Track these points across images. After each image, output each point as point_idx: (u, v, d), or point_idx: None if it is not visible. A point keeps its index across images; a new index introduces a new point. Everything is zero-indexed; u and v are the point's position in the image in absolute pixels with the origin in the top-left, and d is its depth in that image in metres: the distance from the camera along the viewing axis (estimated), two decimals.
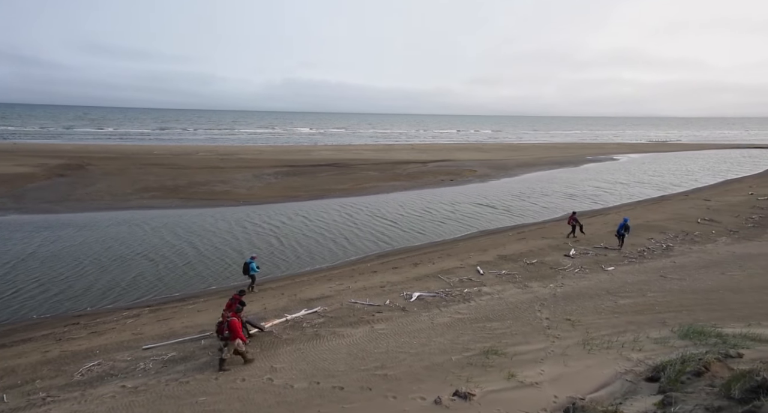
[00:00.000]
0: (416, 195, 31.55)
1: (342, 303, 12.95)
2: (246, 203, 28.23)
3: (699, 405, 4.93)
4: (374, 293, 13.69)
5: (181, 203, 27.70)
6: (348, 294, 13.73)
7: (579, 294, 12.58)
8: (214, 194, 30.20)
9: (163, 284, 15.40)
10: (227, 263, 17.41)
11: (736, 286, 12.20)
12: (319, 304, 12.91)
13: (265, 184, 34.24)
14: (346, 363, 8.95)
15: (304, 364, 9.07)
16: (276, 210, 26.40)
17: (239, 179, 35.84)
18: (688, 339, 8.10)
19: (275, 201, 28.77)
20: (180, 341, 10.75)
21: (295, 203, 28.53)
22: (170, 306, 13.52)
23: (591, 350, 8.21)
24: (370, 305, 12.68)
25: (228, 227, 22.34)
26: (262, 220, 23.97)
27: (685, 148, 77.95)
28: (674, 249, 17.58)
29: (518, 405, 6.54)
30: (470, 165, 46.71)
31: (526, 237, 20.42)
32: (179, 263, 17.27)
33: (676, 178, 41.67)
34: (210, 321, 11.99)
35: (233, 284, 15.47)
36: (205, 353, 9.96)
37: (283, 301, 13.43)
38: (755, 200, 27.91)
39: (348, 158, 50.52)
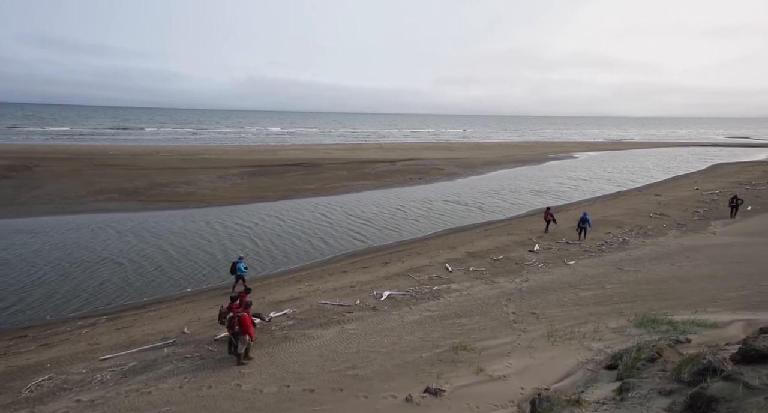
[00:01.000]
0: (385, 194, 31.63)
1: (312, 304, 12.81)
2: (211, 204, 27.35)
3: (653, 390, 5.21)
4: (344, 294, 13.62)
5: (141, 205, 26.48)
6: (318, 295, 13.59)
7: (543, 288, 13.03)
8: (177, 196, 29.06)
9: (122, 292, 14.63)
10: (189, 267, 16.79)
11: (684, 276, 13.01)
12: (289, 306, 12.70)
13: (230, 185, 33.31)
14: (317, 365, 8.86)
15: (273, 368, 8.90)
16: (242, 211, 25.73)
17: (203, 180, 34.68)
18: (643, 327, 8.56)
19: (241, 202, 28.05)
20: (141, 349, 10.28)
21: (262, 203, 27.91)
22: (129, 314, 12.89)
23: (555, 341, 8.52)
24: (341, 305, 12.61)
25: (192, 230, 21.56)
26: (228, 222, 23.30)
27: (639, 146, 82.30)
28: (630, 242, 18.53)
29: (487, 398, 6.70)
30: (438, 164, 47.34)
31: (492, 234, 20.93)
32: (140, 269, 16.49)
33: (631, 174, 43.94)
34: (172, 328, 11.56)
35: (197, 288, 14.96)
36: (168, 361, 9.57)
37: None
38: (700, 195, 29.88)
39: (316, 157, 50.00)
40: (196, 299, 13.93)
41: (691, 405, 4.19)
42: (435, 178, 38.91)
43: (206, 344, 10.40)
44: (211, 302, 13.41)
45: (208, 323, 11.67)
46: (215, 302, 13.18)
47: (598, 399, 5.57)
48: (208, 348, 10.16)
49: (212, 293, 14.42)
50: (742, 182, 34.61)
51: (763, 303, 9.61)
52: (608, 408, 5.14)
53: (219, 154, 51.06)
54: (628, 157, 62.07)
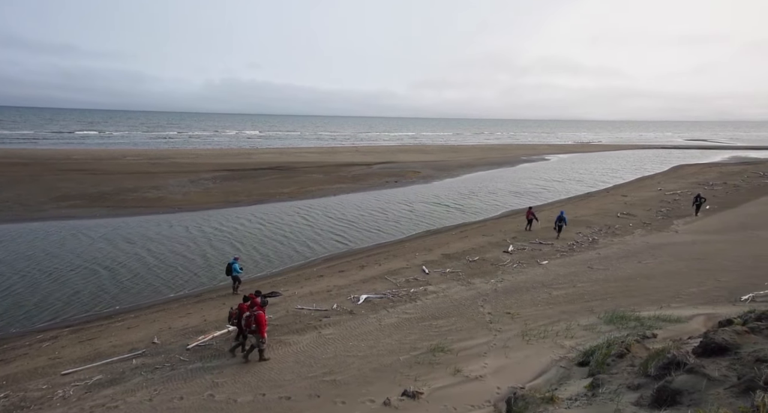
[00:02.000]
0: (362, 197, 31.58)
1: (288, 310, 12.60)
2: (182, 209, 26.57)
3: (622, 384, 5.37)
4: (321, 298, 13.48)
5: (107, 211, 25.45)
6: (294, 301, 13.39)
7: (517, 288, 13.27)
8: (146, 201, 28.09)
9: (89, 302, 13.98)
10: (158, 275, 16.21)
11: (649, 273, 13.54)
12: None
13: (202, 189, 32.47)
14: (293, 372, 8.71)
15: (248, 376, 8.69)
16: (215, 216, 25.12)
17: (174, 184, 33.67)
18: (612, 324, 8.83)
19: (214, 207, 27.39)
20: (107, 362, 9.84)
21: (236, 208, 27.35)
22: (94, 325, 12.32)
23: (529, 340, 8.68)
24: (317, 310, 12.47)
25: (162, 236, 20.87)
26: (200, 227, 22.70)
27: (607, 148, 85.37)
28: (599, 242, 19.15)
29: (464, 399, 6.74)
30: (414, 166, 47.67)
31: (468, 235, 21.21)
32: (106, 278, 15.80)
33: (601, 175, 45.54)
34: (141, 338, 11.14)
35: (167, 297, 14.47)
36: (137, 373, 9.20)
37: (225, 311, 12.70)
38: (663, 195, 31.24)
39: (291, 161, 49.43)
40: (167, 307, 13.47)
41: (657, 398, 4.33)
42: (411, 180, 39.16)
43: (177, 354, 10.06)
44: (182, 311, 13.00)
45: (179, 332, 11.31)
46: (187, 311, 12.80)
47: (570, 395, 5.69)
48: (179, 358, 9.82)
49: (184, 302, 13.98)
50: (700, 183, 36.41)
51: (722, 298, 10.10)
52: (580, 404, 5.26)
53: (191, 157, 49.73)
54: (597, 159, 64.28)
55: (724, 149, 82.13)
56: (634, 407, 4.59)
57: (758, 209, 25.25)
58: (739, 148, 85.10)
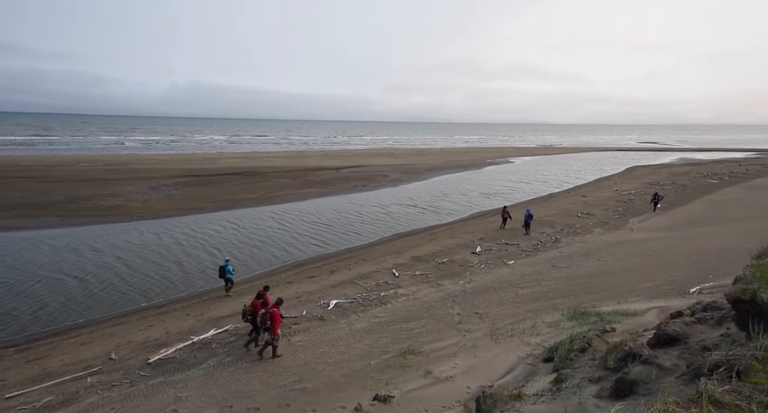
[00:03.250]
0: (331, 201, 31.34)
1: None
2: (142, 217, 25.41)
3: (584, 378, 5.57)
4: (290, 305, 13.22)
5: (59, 221, 23.96)
6: None
7: (485, 288, 13.55)
8: (102, 210, 26.67)
9: (34, 319, 13.05)
10: (114, 288, 15.36)
11: (608, 270, 14.19)
12: (231, 321, 12.09)
13: (164, 196, 31.20)
14: (262, 381, 8.50)
15: (214, 388, 8.40)
16: (177, 224, 24.19)
17: (132, 191, 32.17)
18: (575, 320, 9.17)
19: (177, 214, 26.37)
20: (58, 382, 9.22)
21: (200, 215, 26.46)
22: (43, 343, 11.52)
23: (497, 339, 8.86)
24: (286, 317, 12.19)
25: (114, 247, 19.84)
26: (161, 235, 21.78)
27: (568, 151, 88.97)
28: (561, 241, 19.88)
29: (435, 400, 6.78)
30: (382, 170, 47.84)
31: (437, 238, 21.47)
32: (51, 293, 14.80)
33: (564, 176, 47.39)
34: (97, 355, 10.53)
35: (126, 309, 13.76)
36: (93, 392, 8.68)
37: (189, 322, 12.30)
38: (619, 195, 32.88)
39: (258, 165, 48.42)
40: (126, 320, 12.80)
41: (616, 389, 4.52)
42: (380, 184, 39.25)
43: (137, 369, 9.58)
44: (143, 323, 12.40)
45: (139, 346, 10.77)
46: (148, 323, 12.22)
47: (536, 391, 5.84)
48: (139, 374, 9.35)
49: (144, 314, 13.33)
50: (652, 183, 38.58)
51: (673, 291, 10.72)
52: (545, 400, 5.40)
53: (151, 163, 47.73)
54: (560, 161, 66.85)
55: (672, 151, 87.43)
56: (595, 399, 4.76)
57: (703, 206, 27.04)
58: (686, 150, 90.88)
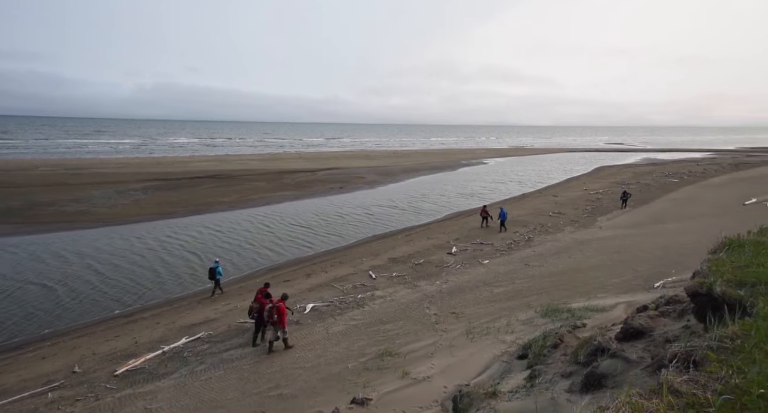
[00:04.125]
0: (307, 204, 31.03)
1: (230, 325, 12.01)
2: (108, 223, 24.42)
3: (557, 373, 5.71)
4: None
5: (15, 228, 22.72)
6: (236, 314, 12.78)
7: (461, 288, 13.71)
8: (65, 216, 25.47)
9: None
10: (80, 296, 14.71)
11: (578, 267, 14.64)
12: (203, 329, 11.77)
13: (131, 201, 30.09)
14: (237, 389, 8.30)
15: (186, 399, 8.14)
16: (147, 229, 23.38)
17: (98, 196, 30.88)
18: (548, 316, 9.40)
19: (146, 219, 25.48)
20: (14, 400, 8.71)
21: (171, 220, 25.66)
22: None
23: (473, 338, 8.98)
24: None
25: (76, 254, 18.97)
26: (130, 241, 20.99)
27: (540, 152, 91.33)
28: (534, 240, 20.36)
29: (413, 401, 6.80)
30: (358, 172, 47.77)
31: (413, 239, 21.59)
32: (11, 304, 14.03)
33: (537, 177, 48.63)
34: (59, 368, 10.04)
35: (93, 319, 13.17)
36: (53, 408, 8.25)
37: (159, 331, 11.89)
38: (588, 195, 33.99)
39: (231, 168, 47.43)
40: (90, 332, 12.24)
41: (586, 383, 4.65)
42: (356, 186, 39.17)
43: (103, 382, 9.17)
44: (109, 334, 11.89)
45: (105, 357, 10.33)
46: (114, 333, 11.74)
47: (511, 388, 5.95)
48: (105, 387, 8.96)
49: (111, 324, 12.80)
50: (619, 182, 40.08)
51: (639, 286, 11.16)
52: (520, 396, 5.51)
53: (118, 167, 45.99)
54: (532, 161, 68.54)
55: (637, 152, 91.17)
56: (567, 393, 4.89)
57: (666, 205, 28.30)
58: (649, 150, 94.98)
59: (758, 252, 4.20)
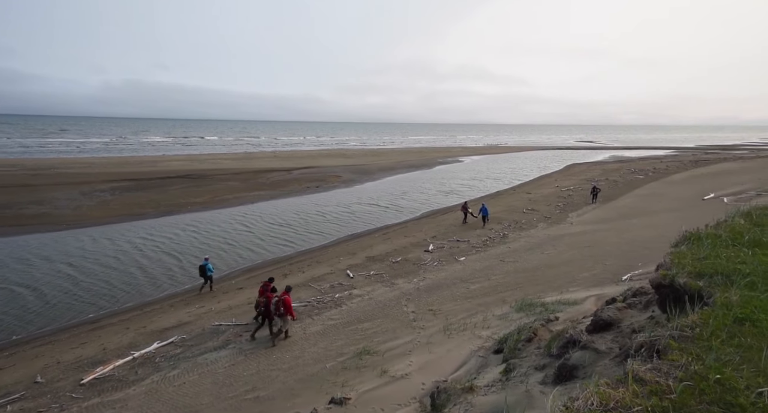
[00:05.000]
0: (283, 204, 30.61)
1: (204, 328, 11.73)
2: (72, 226, 23.36)
3: (531, 366, 5.85)
4: (241, 312, 12.75)
5: None
6: (211, 317, 12.50)
7: (438, 285, 13.86)
8: (24, 219, 24.21)
9: None
10: (42, 303, 14.02)
11: (551, 262, 15.04)
12: (176, 333, 11.44)
13: (98, 202, 28.89)
14: (212, 394, 8.12)
15: (158, 405, 7.91)
16: (115, 232, 22.51)
17: (61, 198, 29.50)
18: (522, 311, 9.61)
19: (114, 221, 24.53)
20: None
21: (141, 221, 24.80)
22: None
23: (450, 334, 9.09)
24: (237, 325, 11.78)
25: (40, 259, 18.10)
26: (95, 244, 20.16)
27: (513, 150, 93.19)
28: (509, 236, 20.78)
29: (391, 399, 6.83)
30: (335, 171, 47.50)
31: (390, 237, 21.65)
32: None
33: (511, 174, 49.59)
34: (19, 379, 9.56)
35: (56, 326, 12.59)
36: None
37: (129, 336, 11.48)
38: (560, 191, 34.98)
39: (204, 168, 46.23)
40: (54, 340, 11.69)
41: (558, 375, 4.79)
42: (333, 185, 38.94)
43: (69, 391, 8.79)
44: (74, 341, 11.40)
45: (71, 366, 9.89)
46: (80, 340, 11.26)
47: (487, 382, 6.06)
48: (71, 396, 8.59)
49: (76, 330, 12.26)
50: (589, 179, 41.40)
51: (608, 280, 11.56)
52: (495, 390, 5.62)
53: (83, 167, 44.03)
54: (506, 159, 69.87)
55: (605, 149, 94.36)
56: (541, 385, 5.02)
57: (632, 200, 29.43)
58: (616, 148, 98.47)
59: (715, 245, 4.42)
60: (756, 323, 2.54)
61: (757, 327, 2.51)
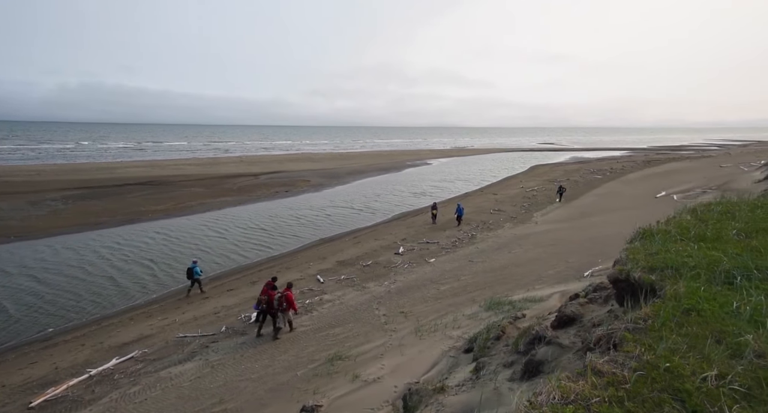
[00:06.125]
0: (251, 210, 29.91)
1: (167, 341, 11.24)
2: (20, 237, 21.86)
3: (500, 364, 5.97)
4: (207, 322, 12.33)
5: None
6: (174, 329, 12.01)
7: (409, 287, 13.92)
8: None
9: None
10: None
11: (517, 261, 15.45)
12: (137, 347, 10.91)
13: (48, 212, 27.19)
14: (176, 409, 7.79)
15: None
16: (68, 242, 21.24)
17: (5, 208, 27.56)
18: (491, 310, 9.81)
19: (67, 232, 23.15)
20: None
21: (98, 231, 23.54)
22: None
23: (422, 336, 9.14)
24: (203, 335, 11.37)
25: None
26: (45, 256, 18.94)
27: (480, 152, 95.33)
28: (477, 237, 21.20)
29: (364, 403, 6.78)
30: (304, 175, 46.95)
31: (361, 241, 21.59)
32: None
33: (477, 176, 50.70)
34: None
35: None
36: None
37: (84, 353, 10.84)
38: (525, 192, 36.08)
39: (166, 174, 44.51)
40: (2, 360, 10.87)
41: (525, 371, 4.90)
42: (302, 190, 38.45)
43: None
44: (22, 361, 10.64)
45: (17, 388, 9.22)
46: (29, 360, 10.53)
47: (458, 382, 6.13)
48: None
49: (24, 350, 11.44)
50: (551, 180, 42.96)
51: (571, 276, 12.00)
52: (466, 389, 5.69)
53: (31, 175, 41.36)
54: (474, 161, 71.36)
55: (567, 151, 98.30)
56: (509, 382, 5.12)
57: (592, 200, 30.76)
58: (577, 149, 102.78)
59: (666, 240, 4.67)
60: (701, 312, 2.70)
61: (701, 316, 2.67)
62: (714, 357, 2.23)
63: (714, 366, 2.15)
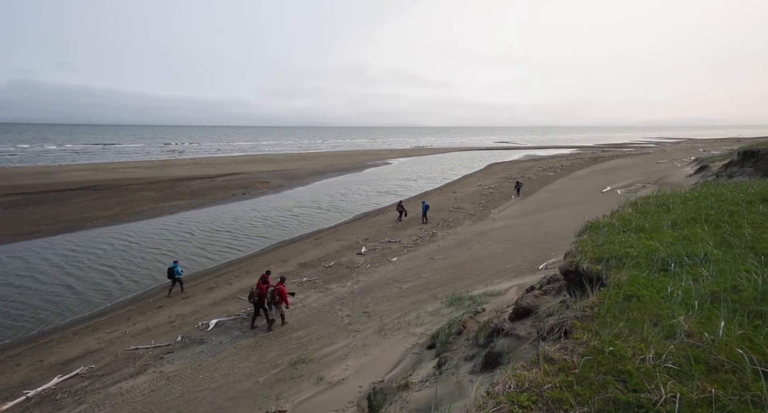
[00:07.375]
0: (206, 213, 28.75)
1: (117, 354, 10.59)
2: None
3: (461, 358, 6.12)
4: (161, 332, 11.74)
5: None
6: (125, 341, 11.33)
7: (372, 287, 13.95)
8: None
9: None
10: None
11: (477, 257, 15.90)
12: (83, 363, 10.19)
13: None
14: None
15: None
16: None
17: None
18: (453, 306, 10.03)
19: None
20: None
21: (34, 241, 21.72)
22: None
23: (386, 335, 9.19)
24: (157, 346, 10.81)
25: None
26: None
27: (439, 151, 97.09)
28: (438, 235, 21.59)
29: (329, 406, 6.72)
30: (262, 177, 45.77)
31: (322, 242, 21.36)
32: None
33: (440, 174, 51.62)
34: None
35: None
36: None
37: (20, 374, 9.97)
38: (482, 189, 37.19)
39: (112, 178, 41.88)
40: None
41: (485, 363, 5.06)
42: (261, 191, 37.47)
43: None
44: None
45: None
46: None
47: (422, 378, 6.22)
48: None
49: None
50: (507, 177, 44.55)
51: (527, 270, 12.52)
52: (429, 384, 5.78)
53: None
54: (433, 161, 72.55)
55: (520, 149, 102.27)
56: (470, 375, 5.26)
57: (545, 195, 32.22)
58: (530, 148, 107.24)
59: (611, 232, 4.98)
60: (640, 298, 2.91)
61: (641, 301, 2.87)
62: (651, 339, 2.41)
63: (651, 347, 2.32)
